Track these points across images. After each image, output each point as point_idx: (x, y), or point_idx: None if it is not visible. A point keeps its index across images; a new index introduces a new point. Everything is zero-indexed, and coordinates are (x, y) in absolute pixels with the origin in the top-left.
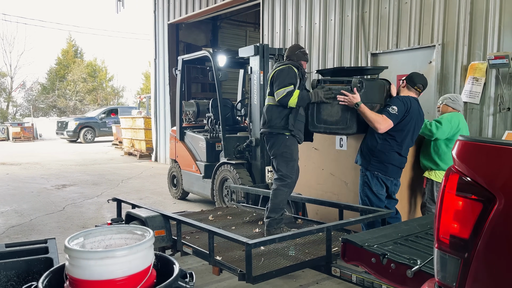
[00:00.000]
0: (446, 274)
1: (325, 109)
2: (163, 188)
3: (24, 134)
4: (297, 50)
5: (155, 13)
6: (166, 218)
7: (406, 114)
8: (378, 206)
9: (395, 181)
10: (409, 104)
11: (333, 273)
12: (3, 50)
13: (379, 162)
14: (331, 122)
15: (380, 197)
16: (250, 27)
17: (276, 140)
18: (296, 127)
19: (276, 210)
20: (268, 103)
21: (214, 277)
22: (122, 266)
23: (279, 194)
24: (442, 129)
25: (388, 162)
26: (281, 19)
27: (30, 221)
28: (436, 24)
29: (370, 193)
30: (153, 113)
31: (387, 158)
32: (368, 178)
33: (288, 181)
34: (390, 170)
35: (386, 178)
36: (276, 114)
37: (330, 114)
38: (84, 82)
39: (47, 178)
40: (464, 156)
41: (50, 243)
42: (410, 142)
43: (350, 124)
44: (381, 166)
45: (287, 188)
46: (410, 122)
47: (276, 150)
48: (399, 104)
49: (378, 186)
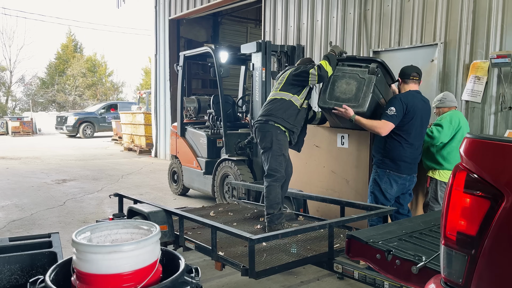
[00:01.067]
0: (453, 271)
1: (339, 87)
2: (163, 184)
3: (23, 128)
4: (308, 63)
5: (156, 8)
6: (169, 213)
7: (407, 112)
8: (382, 204)
9: (410, 177)
10: (408, 101)
11: (335, 269)
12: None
13: (391, 161)
14: (343, 99)
15: (386, 195)
16: (251, 24)
17: (267, 133)
18: (294, 123)
19: (273, 206)
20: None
21: (216, 273)
22: (129, 261)
23: (271, 190)
24: (444, 132)
25: (399, 160)
26: (283, 16)
27: (31, 215)
28: (439, 23)
29: (377, 190)
30: (153, 109)
31: (398, 156)
32: (378, 175)
33: (277, 176)
34: (403, 167)
35: (399, 176)
36: (280, 106)
37: (344, 92)
38: (84, 77)
39: (47, 173)
40: (472, 154)
41: (53, 237)
42: (420, 135)
43: (362, 103)
44: (393, 164)
45: (277, 183)
46: (414, 118)
47: (267, 143)
48: (397, 104)
49: (387, 184)
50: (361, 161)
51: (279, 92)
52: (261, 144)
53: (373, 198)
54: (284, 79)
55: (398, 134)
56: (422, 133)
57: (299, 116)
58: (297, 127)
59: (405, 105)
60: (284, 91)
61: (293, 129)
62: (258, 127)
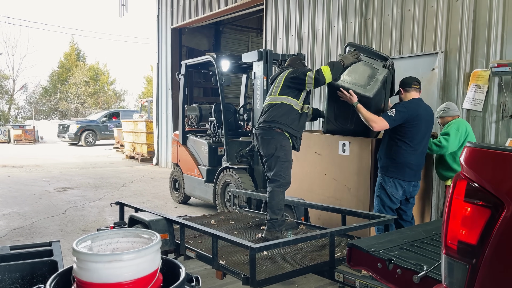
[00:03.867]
0: (454, 280)
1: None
2: (165, 192)
3: (25, 136)
4: (298, 61)
5: (158, 17)
6: (170, 222)
7: (411, 119)
8: (389, 207)
9: (414, 183)
10: (411, 109)
11: (337, 279)
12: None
13: (396, 168)
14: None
15: (393, 198)
16: (252, 33)
17: (271, 140)
18: (297, 128)
19: (275, 212)
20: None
21: (217, 282)
22: (130, 269)
23: (275, 195)
24: (451, 140)
25: (404, 165)
26: (284, 25)
27: (32, 223)
28: (439, 31)
29: (383, 194)
30: (155, 117)
31: (403, 161)
32: (384, 180)
33: (281, 182)
34: (407, 174)
35: (403, 182)
36: (282, 112)
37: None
38: (86, 85)
39: (48, 181)
40: (472, 163)
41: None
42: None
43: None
44: (398, 171)
45: (281, 189)
46: (418, 124)
47: (272, 150)
48: (402, 110)
49: (392, 188)
50: (363, 169)
51: (278, 96)
52: (264, 151)
53: (379, 202)
54: (281, 82)
55: (403, 141)
56: (426, 139)
57: (301, 120)
58: (300, 132)
59: (408, 113)
60: (283, 95)
61: (297, 135)
62: (261, 133)
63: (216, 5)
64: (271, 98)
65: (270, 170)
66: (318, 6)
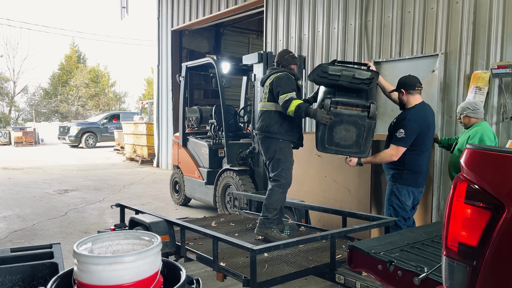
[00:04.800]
0: (454, 282)
1: (338, 133)
2: (165, 194)
3: (26, 138)
4: (286, 55)
5: (158, 19)
6: (170, 224)
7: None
8: (403, 216)
9: (421, 189)
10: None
11: (337, 280)
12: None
13: (410, 175)
14: (344, 145)
15: (406, 207)
16: (253, 34)
17: (270, 144)
18: (292, 133)
19: (269, 210)
20: (265, 108)
21: (217, 284)
22: (130, 272)
23: (273, 194)
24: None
25: (418, 172)
26: (284, 27)
27: (32, 225)
28: (439, 33)
29: (396, 203)
30: (155, 119)
31: (417, 168)
32: (397, 188)
33: (282, 182)
34: (421, 180)
35: (415, 189)
36: (274, 120)
37: (344, 139)
38: (87, 87)
39: (49, 183)
40: (472, 164)
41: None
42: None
43: (364, 149)
44: (411, 178)
45: (281, 189)
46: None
47: (272, 153)
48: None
49: (406, 197)
50: (363, 170)
51: (267, 103)
52: (265, 155)
53: (392, 211)
54: (267, 88)
55: (415, 149)
56: (431, 141)
57: (294, 124)
58: (296, 135)
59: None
60: (271, 101)
61: (294, 139)
62: (260, 138)
63: (216, 7)
64: (263, 105)
65: (272, 171)
66: (318, 8)
